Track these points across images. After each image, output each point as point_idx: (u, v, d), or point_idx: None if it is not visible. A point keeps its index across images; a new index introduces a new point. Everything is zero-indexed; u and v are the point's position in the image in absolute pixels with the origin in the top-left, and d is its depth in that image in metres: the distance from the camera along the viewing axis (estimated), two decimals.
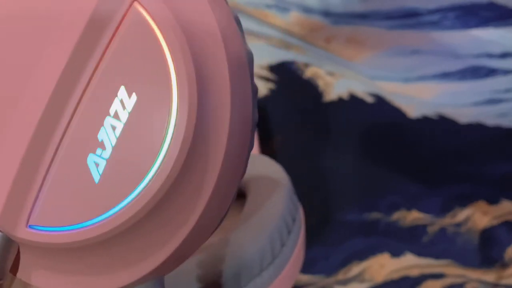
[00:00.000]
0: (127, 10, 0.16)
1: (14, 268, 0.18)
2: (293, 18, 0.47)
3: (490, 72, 0.46)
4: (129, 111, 0.16)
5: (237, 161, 0.18)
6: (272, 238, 0.31)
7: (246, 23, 0.47)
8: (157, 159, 0.16)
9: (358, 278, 0.45)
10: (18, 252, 0.17)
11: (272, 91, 0.47)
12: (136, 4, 0.16)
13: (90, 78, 0.16)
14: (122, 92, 0.16)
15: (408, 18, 0.46)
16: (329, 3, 0.46)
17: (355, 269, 0.46)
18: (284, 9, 0.47)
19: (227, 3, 0.19)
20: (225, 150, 0.17)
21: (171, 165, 0.16)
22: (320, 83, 0.47)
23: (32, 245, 0.17)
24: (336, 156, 0.47)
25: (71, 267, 0.17)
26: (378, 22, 0.46)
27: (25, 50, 0.17)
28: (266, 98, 0.47)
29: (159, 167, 0.16)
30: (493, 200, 0.47)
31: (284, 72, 0.47)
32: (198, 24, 0.17)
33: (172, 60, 0.16)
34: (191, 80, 0.16)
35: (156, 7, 0.16)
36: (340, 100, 0.47)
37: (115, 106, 0.16)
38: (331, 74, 0.47)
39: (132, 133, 0.16)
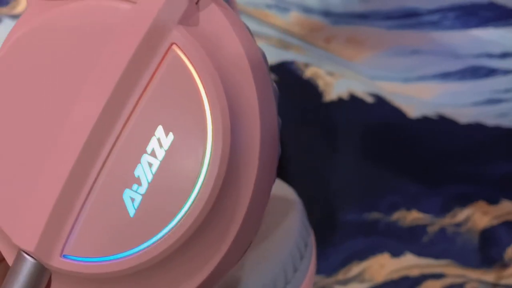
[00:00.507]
0: (166, 52, 0.17)
1: None
2: (293, 18, 0.47)
3: (490, 72, 0.46)
4: (166, 149, 0.17)
5: (264, 193, 0.19)
6: (286, 264, 0.31)
7: (246, 23, 0.47)
8: (190, 196, 0.17)
9: (358, 278, 0.45)
10: (49, 279, 0.18)
11: None
12: (174, 47, 0.17)
13: (128, 117, 0.17)
14: (159, 131, 0.17)
15: (408, 18, 0.46)
16: (329, 3, 0.46)
17: (355, 269, 0.46)
18: (284, 9, 0.47)
19: (254, 40, 0.19)
20: (254, 184, 0.18)
21: (204, 202, 0.17)
22: (320, 83, 0.47)
23: (64, 274, 0.17)
24: (336, 156, 0.47)
25: None
26: (378, 22, 0.46)
27: (66, 83, 0.18)
28: None
29: (192, 204, 0.17)
30: (493, 200, 0.47)
31: (284, 72, 0.47)
32: (232, 65, 0.18)
33: (208, 102, 0.17)
34: (226, 124, 0.17)
35: (193, 50, 0.17)
36: (340, 100, 0.47)
37: (152, 144, 0.17)
38: (331, 74, 0.47)
39: (168, 170, 0.17)
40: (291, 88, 0.47)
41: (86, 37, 0.18)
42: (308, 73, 0.47)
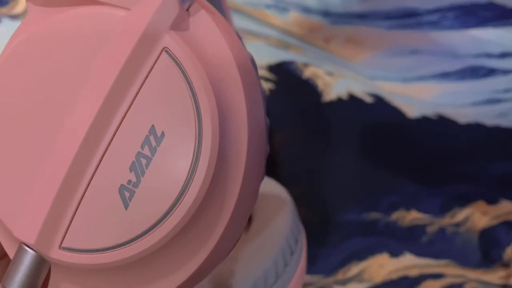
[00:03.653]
0: (159, 56, 0.18)
1: (45, 284, 0.19)
2: (292, 18, 0.47)
3: (489, 72, 0.46)
4: (158, 146, 0.18)
5: (252, 190, 0.20)
6: (277, 259, 0.33)
7: (245, 23, 0.47)
8: (180, 191, 0.18)
9: (357, 278, 0.45)
10: (49, 270, 0.19)
11: (271, 91, 0.47)
12: (166, 51, 0.18)
13: (123, 116, 0.18)
14: (152, 130, 0.18)
15: (407, 18, 0.46)
16: (328, 3, 0.46)
17: (354, 269, 0.46)
18: (283, 9, 0.47)
19: (243, 44, 0.21)
20: (242, 181, 0.19)
21: (193, 198, 0.18)
22: (319, 83, 0.47)
23: (63, 265, 0.18)
24: (335, 156, 0.47)
25: (97, 285, 0.19)
26: (377, 22, 0.46)
27: (64, 86, 0.19)
28: None
29: (183, 198, 0.18)
30: (492, 200, 0.47)
31: (283, 72, 0.47)
32: (221, 69, 0.19)
33: (198, 104, 0.18)
34: (214, 123, 0.18)
35: (184, 54, 0.18)
36: (339, 100, 0.47)
37: (146, 142, 0.18)
38: (330, 74, 0.47)
39: (160, 167, 0.18)
40: (290, 88, 0.47)
41: (82, 43, 0.19)
42: (307, 73, 0.47)
